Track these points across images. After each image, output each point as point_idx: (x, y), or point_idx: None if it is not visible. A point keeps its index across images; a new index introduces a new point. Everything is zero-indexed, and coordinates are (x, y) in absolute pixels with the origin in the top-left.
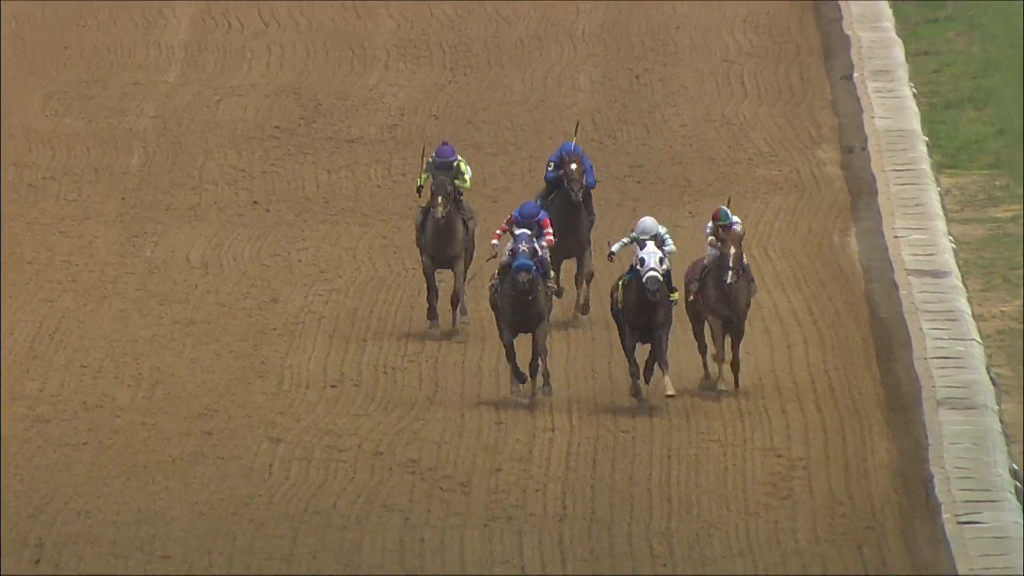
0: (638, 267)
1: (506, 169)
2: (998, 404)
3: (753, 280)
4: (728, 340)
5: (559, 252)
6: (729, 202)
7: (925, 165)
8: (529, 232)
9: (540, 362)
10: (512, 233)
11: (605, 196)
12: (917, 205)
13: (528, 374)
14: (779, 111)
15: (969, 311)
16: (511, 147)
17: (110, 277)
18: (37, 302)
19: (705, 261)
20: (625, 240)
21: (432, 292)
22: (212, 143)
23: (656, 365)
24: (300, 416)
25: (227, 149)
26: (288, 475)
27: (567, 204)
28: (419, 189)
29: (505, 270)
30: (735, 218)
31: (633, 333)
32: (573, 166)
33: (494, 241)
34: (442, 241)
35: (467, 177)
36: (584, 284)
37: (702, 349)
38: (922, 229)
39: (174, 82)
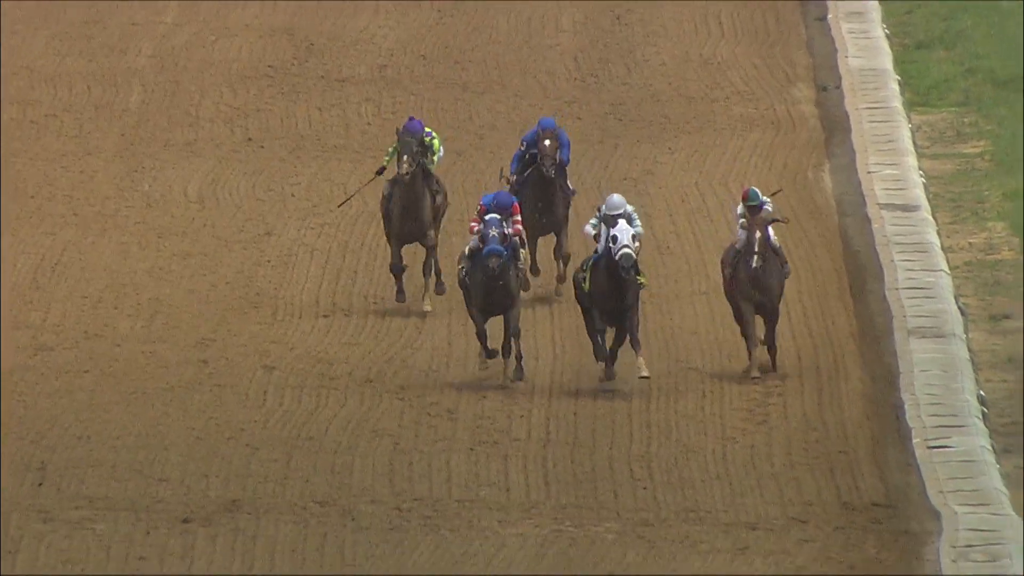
0: (611, 244)
1: (492, 108)
2: (966, 333)
3: (787, 263)
4: (761, 323)
5: (536, 229)
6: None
7: (897, 103)
8: (499, 217)
9: (513, 344)
10: (482, 218)
11: (586, 133)
12: (889, 142)
13: (501, 355)
14: (755, 51)
15: (938, 243)
16: (496, 86)
17: (110, 211)
18: (39, 235)
19: (736, 245)
20: (593, 221)
21: (399, 274)
22: (208, 82)
23: (631, 346)
24: (293, 345)
25: (223, 88)
26: (282, 402)
27: (542, 180)
28: (381, 170)
29: (475, 254)
30: (765, 198)
31: (602, 316)
32: (547, 142)
33: (473, 224)
34: (410, 212)
35: (437, 156)
36: (561, 263)
37: (745, 334)
38: (893, 165)
39: (171, 22)
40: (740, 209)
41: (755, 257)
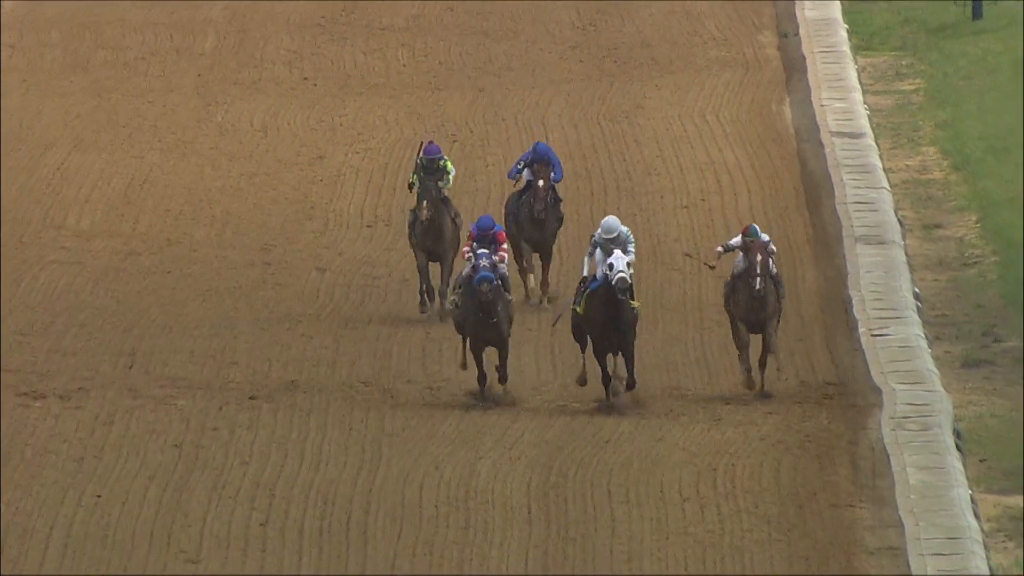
0: (607, 271)
1: (508, 52)
2: (903, 240)
3: (782, 285)
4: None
5: (529, 243)
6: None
7: (845, 48)
8: (488, 251)
9: (502, 367)
10: (473, 251)
11: (587, 73)
12: (839, 80)
13: (498, 378)
14: (728, 4)
15: (880, 165)
16: (512, 33)
17: (188, 138)
18: (129, 158)
19: (734, 270)
20: (590, 249)
21: (425, 283)
22: (270, 30)
23: (625, 386)
24: (342, 250)
25: (282, 35)
26: (332, 298)
27: (533, 211)
28: (411, 186)
29: (466, 284)
30: (764, 236)
31: (598, 344)
32: (541, 183)
33: (465, 249)
34: (432, 239)
35: (450, 177)
36: (545, 274)
37: (740, 356)
38: (843, 99)
39: None
40: (737, 240)
41: (757, 279)
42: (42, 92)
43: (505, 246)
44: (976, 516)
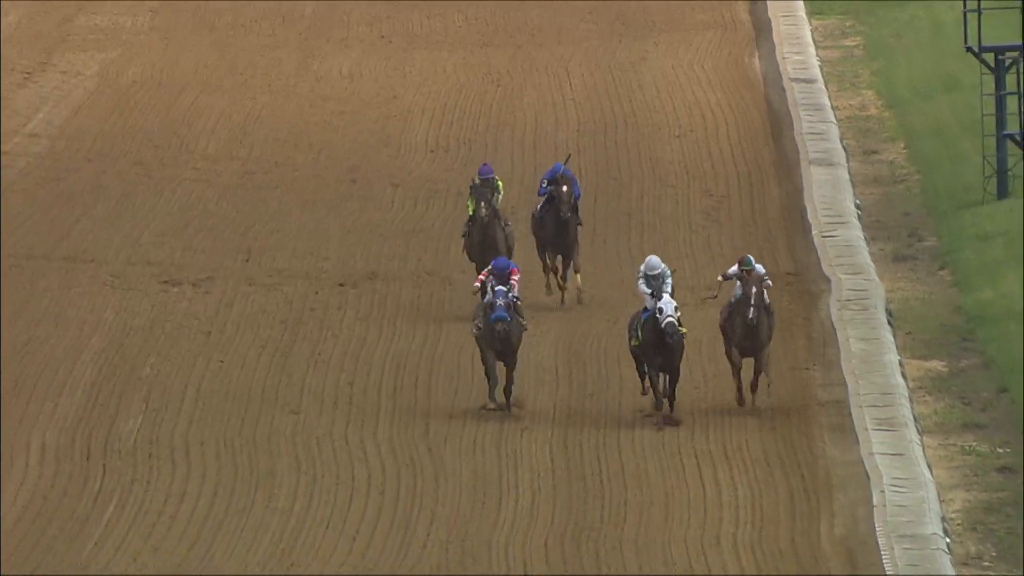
0: (657, 315)
1: (540, 15)
2: (847, 162)
3: (774, 315)
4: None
5: (554, 249)
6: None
7: (802, 13)
8: (505, 289)
9: (511, 388)
10: (492, 289)
11: (600, 32)
12: (796, 38)
13: (504, 395)
14: None
15: (829, 104)
16: (542, 2)
17: (291, 84)
18: (245, 99)
19: (732, 298)
20: (641, 281)
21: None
22: None
23: (667, 398)
24: (411, 170)
25: (365, 3)
26: (403, 207)
27: (558, 215)
28: (471, 217)
29: (487, 310)
30: (759, 266)
31: (651, 366)
32: (564, 188)
33: (476, 284)
34: (487, 244)
35: (500, 194)
36: (575, 274)
37: (734, 375)
38: (799, 53)
39: None
40: (734, 269)
41: (751, 309)
42: (178, 47)
43: (516, 278)
44: (903, 376)
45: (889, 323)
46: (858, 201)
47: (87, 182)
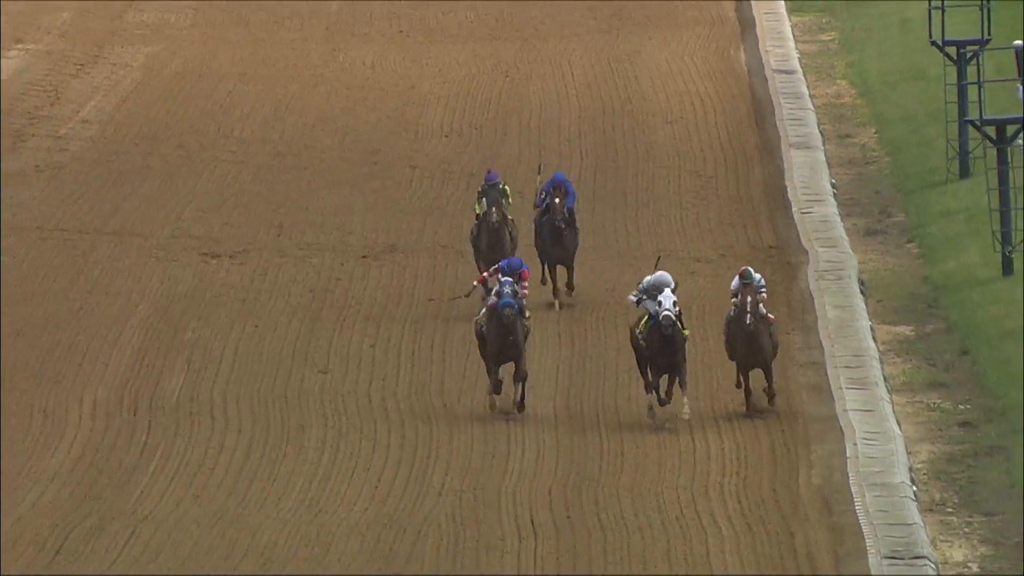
0: (657, 308)
1: (543, 12)
2: (824, 145)
3: (775, 326)
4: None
5: (552, 258)
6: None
7: (783, 10)
8: (512, 279)
9: (520, 386)
10: (498, 279)
11: (599, 27)
12: (778, 33)
13: (515, 376)
14: None
15: (808, 93)
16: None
17: (319, 73)
18: (276, 87)
19: (730, 312)
20: (635, 292)
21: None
22: None
23: (679, 387)
24: (428, 152)
25: (386, 2)
26: (420, 185)
27: (555, 224)
28: (477, 216)
29: (491, 312)
30: (758, 275)
31: (654, 368)
32: (557, 200)
33: (474, 284)
34: (494, 246)
35: (509, 200)
36: (570, 279)
37: (740, 381)
38: (780, 46)
39: None
40: (736, 283)
41: (747, 316)
42: (216, 40)
43: (527, 283)
44: (874, 340)
45: (861, 292)
46: (834, 181)
47: (134, 164)
